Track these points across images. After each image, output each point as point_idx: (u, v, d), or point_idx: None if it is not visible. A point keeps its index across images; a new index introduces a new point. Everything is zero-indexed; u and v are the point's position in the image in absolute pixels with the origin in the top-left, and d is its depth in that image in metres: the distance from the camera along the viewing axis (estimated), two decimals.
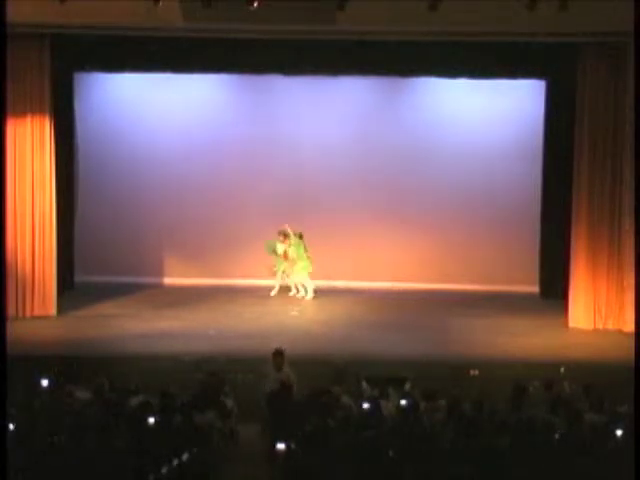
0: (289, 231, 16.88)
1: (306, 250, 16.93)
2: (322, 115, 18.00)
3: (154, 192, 18.03)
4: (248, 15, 13.53)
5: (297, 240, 16.89)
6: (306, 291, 17.00)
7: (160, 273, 18.30)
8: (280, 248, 16.90)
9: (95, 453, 8.46)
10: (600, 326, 15.03)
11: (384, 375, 11.25)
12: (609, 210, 14.92)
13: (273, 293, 17.15)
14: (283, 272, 17.10)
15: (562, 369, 12.48)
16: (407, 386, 11.00)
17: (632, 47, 13.95)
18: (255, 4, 13.42)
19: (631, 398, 9.72)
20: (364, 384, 11.01)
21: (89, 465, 8.27)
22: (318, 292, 17.13)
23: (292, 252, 16.85)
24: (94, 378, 10.84)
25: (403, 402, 10.15)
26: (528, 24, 13.91)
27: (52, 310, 15.22)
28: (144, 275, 18.06)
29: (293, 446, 8.90)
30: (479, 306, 16.52)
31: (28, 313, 15.09)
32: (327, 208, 17.92)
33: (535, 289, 17.67)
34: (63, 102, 16.44)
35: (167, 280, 18.27)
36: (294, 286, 17.18)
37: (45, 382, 10.61)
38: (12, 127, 14.74)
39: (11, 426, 8.93)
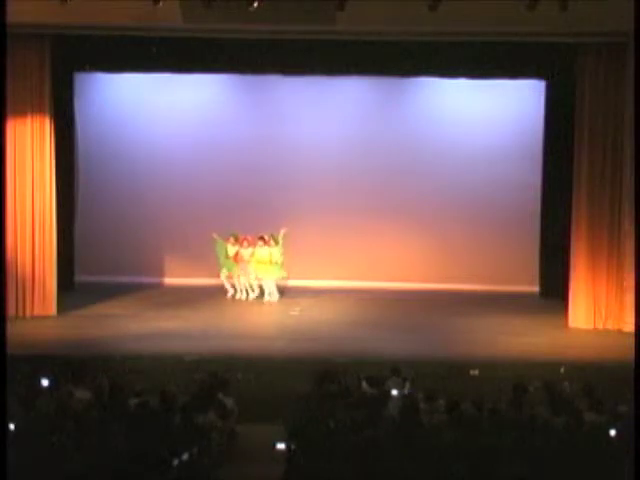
0: (267, 237, 16.75)
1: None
2: (322, 115, 18.00)
3: (154, 192, 18.03)
4: (248, 15, 13.53)
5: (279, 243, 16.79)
6: (271, 295, 16.86)
7: (160, 273, 18.30)
8: (231, 250, 16.80)
9: (95, 453, 8.47)
10: (600, 326, 15.03)
11: (384, 375, 11.23)
12: (609, 210, 14.92)
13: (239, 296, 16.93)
14: (231, 273, 16.93)
15: (562, 369, 12.48)
16: (407, 386, 11.00)
17: (632, 47, 13.95)
18: (255, 4, 13.43)
19: (631, 398, 9.73)
20: (364, 384, 11.01)
21: (89, 465, 8.27)
22: (312, 292, 17.22)
23: (274, 255, 16.70)
24: (94, 378, 10.85)
25: (396, 392, 10.21)
26: (528, 24, 13.91)
27: (52, 310, 15.22)
28: (144, 275, 18.06)
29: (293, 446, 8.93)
30: (479, 306, 16.52)
31: (28, 313, 15.09)
32: (328, 208, 17.92)
33: (535, 289, 17.67)
34: (63, 102, 16.42)
35: (167, 280, 18.27)
36: (245, 288, 16.93)
37: (45, 382, 10.62)
38: (12, 127, 14.74)
39: (11, 426, 8.93)
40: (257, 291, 16.88)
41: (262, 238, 16.68)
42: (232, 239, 16.82)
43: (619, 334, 14.58)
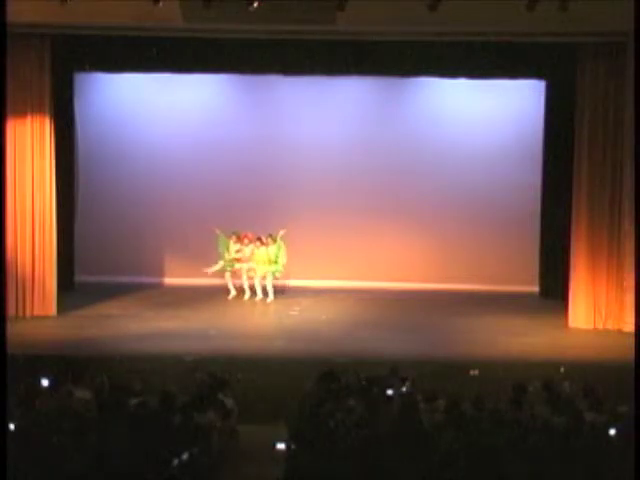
0: (265, 239, 16.75)
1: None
2: (322, 115, 18.01)
3: (154, 192, 18.04)
4: (248, 15, 13.54)
5: (277, 243, 16.78)
6: (266, 294, 16.86)
7: (160, 273, 18.31)
8: (233, 248, 16.83)
9: (95, 453, 8.47)
10: (600, 326, 15.03)
11: (384, 375, 11.22)
12: (609, 210, 14.92)
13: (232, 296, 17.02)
14: (233, 272, 16.98)
15: (562, 369, 12.47)
16: (407, 385, 10.99)
17: (632, 47, 13.95)
18: (255, 4, 13.43)
19: (631, 398, 9.73)
20: (364, 384, 11.00)
21: (89, 465, 8.27)
22: (312, 292, 17.31)
23: (272, 255, 16.70)
24: (94, 378, 10.85)
25: (396, 392, 10.23)
26: (528, 24, 13.92)
27: (52, 310, 15.21)
28: (144, 275, 18.07)
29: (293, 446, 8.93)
30: (479, 306, 16.52)
31: (28, 313, 15.09)
32: (328, 208, 17.93)
33: (535, 289, 17.68)
34: (63, 102, 16.42)
35: (167, 280, 18.28)
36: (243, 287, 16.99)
37: (45, 382, 10.61)
38: (12, 127, 14.74)
39: (11, 426, 8.93)
40: (259, 291, 16.87)
41: (259, 239, 16.70)
42: (234, 237, 16.86)
43: (619, 334, 14.58)
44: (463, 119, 17.87)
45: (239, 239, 16.86)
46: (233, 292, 17.00)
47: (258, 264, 16.70)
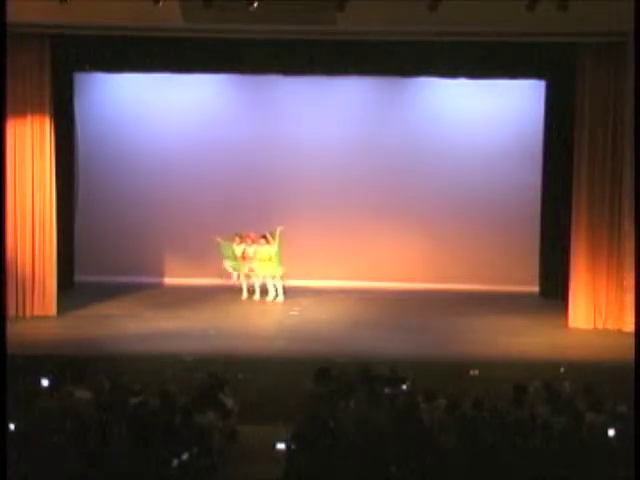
0: (268, 236, 16.73)
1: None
2: (322, 115, 18.01)
3: (154, 192, 18.04)
4: (248, 15, 13.54)
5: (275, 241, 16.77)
6: (277, 293, 16.85)
7: (160, 273, 18.31)
8: (238, 250, 16.83)
9: (95, 453, 8.47)
10: (600, 326, 15.03)
11: (384, 375, 11.23)
12: (609, 210, 14.92)
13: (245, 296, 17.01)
14: (245, 273, 16.96)
15: (562, 369, 12.48)
16: (407, 385, 10.99)
17: (632, 47, 13.96)
18: (255, 4, 13.44)
19: (631, 398, 9.73)
20: (364, 384, 10.99)
21: (89, 465, 8.27)
22: (312, 292, 17.31)
23: (272, 253, 16.69)
24: (94, 378, 10.84)
25: (396, 392, 10.24)
26: (528, 24, 13.93)
27: (52, 310, 15.21)
28: (144, 275, 18.06)
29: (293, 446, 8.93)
30: (479, 306, 16.52)
31: (28, 313, 15.09)
32: (327, 208, 17.94)
33: (535, 289, 17.68)
34: (63, 102, 16.42)
35: (167, 280, 18.28)
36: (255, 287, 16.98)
37: (45, 382, 10.62)
38: (12, 127, 14.73)
39: (11, 426, 8.93)
40: (272, 291, 16.85)
41: (264, 237, 16.68)
42: (237, 239, 16.84)
43: (619, 334, 14.58)
44: (463, 119, 17.88)
45: (242, 239, 16.84)
46: (246, 293, 16.93)
47: (261, 262, 16.70)
